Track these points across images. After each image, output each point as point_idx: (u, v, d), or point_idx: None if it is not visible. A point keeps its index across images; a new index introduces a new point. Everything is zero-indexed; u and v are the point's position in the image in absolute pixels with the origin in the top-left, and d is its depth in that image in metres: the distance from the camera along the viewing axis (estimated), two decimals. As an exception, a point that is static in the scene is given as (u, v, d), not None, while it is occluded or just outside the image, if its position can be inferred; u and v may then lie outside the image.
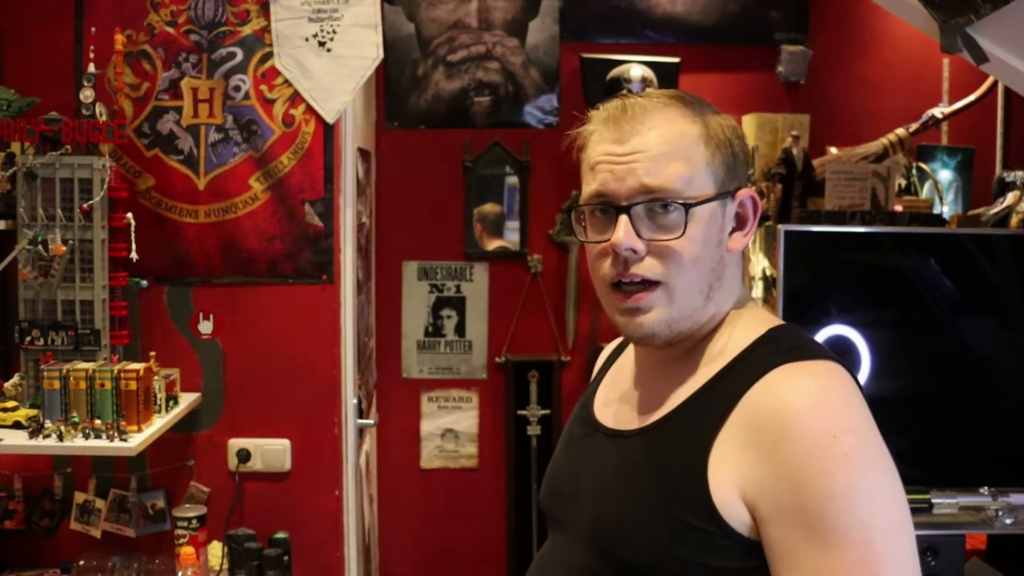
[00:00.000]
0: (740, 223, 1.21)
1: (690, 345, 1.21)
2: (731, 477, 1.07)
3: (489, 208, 3.63)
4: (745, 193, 1.21)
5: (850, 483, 1.02)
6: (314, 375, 2.57)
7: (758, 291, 2.83)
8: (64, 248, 2.26)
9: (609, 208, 1.17)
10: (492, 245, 3.65)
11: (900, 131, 3.34)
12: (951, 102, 3.47)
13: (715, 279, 1.18)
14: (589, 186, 1.20)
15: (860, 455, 1.04)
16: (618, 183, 1.16)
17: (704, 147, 1.17)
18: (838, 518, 1.01)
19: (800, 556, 1.03)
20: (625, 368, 1.32)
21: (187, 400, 2.46)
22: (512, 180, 3.62)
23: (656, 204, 1.15)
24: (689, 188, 1.15)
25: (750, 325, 1.20)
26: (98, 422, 2.17)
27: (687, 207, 1.14)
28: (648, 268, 1.16)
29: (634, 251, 1.15)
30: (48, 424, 2.18)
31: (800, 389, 1.07)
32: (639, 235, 1.15)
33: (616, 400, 1.29)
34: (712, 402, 1.12)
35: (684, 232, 1.14)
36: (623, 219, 1.15)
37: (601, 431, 1.26)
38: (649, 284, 1.16)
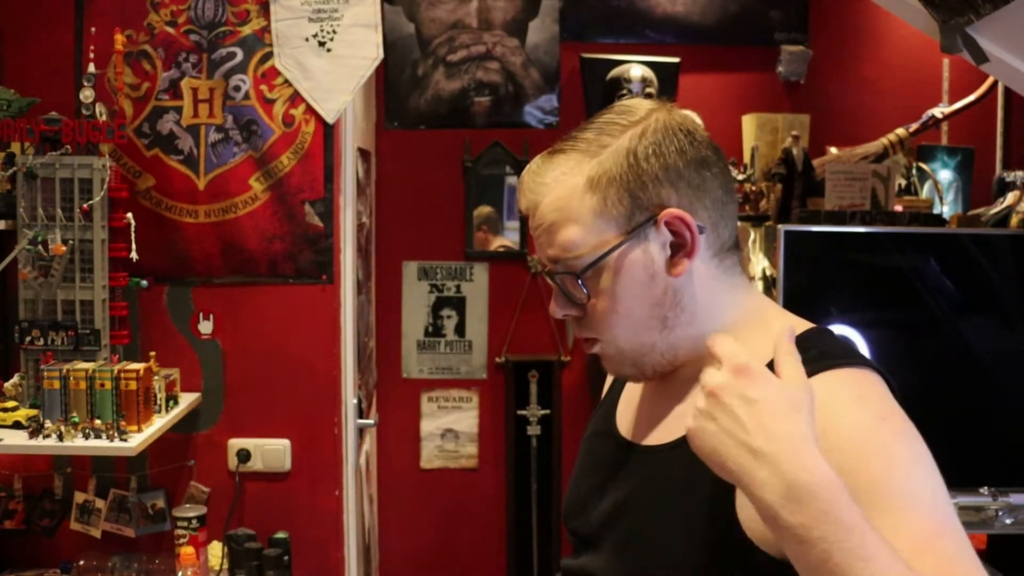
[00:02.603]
0: (681, 240, 1.13)
1: (701, 363, 1.15)
2: None
3: (486, 210, 3.63)
4: (667, 215, 1.12)
5: (910, 454, 0.99)
6: (314, 375, 2.57)
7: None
8: (64, 248, 2.26)
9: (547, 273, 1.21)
10: (492, 245, 3.65)
11: (900, 131, 3.34)
12: (951, 102, 3.47)
13: (668, 309, 1.15)
14: None
15: (912, 435, 1.02)
16: (540, 253, 1.19)
17: (590, 195, 1.12)
18: (905, 485, 0.97)
19: None
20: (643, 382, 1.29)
21: (187, 400, 2.46)
22: (512, 180, 3.61)
23: (564, 273, 1.16)
24: (582, 247, 1.13)
25: (775, 331, 1.14)
26: (98, 422, 2.17)
27: (579, 276, 1.13)
28: (585, 329, 1.19)
29: (569, 315, 1.18)
30: (48, 424, 2.18)
31: (835, 397, 1.03)
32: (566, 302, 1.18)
33: (640, 415, 1.26)
34: None
35: (589, 296, 1.15)
36: (554, 288, 1.18)
37: (629, 447, 1.24)
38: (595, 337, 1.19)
